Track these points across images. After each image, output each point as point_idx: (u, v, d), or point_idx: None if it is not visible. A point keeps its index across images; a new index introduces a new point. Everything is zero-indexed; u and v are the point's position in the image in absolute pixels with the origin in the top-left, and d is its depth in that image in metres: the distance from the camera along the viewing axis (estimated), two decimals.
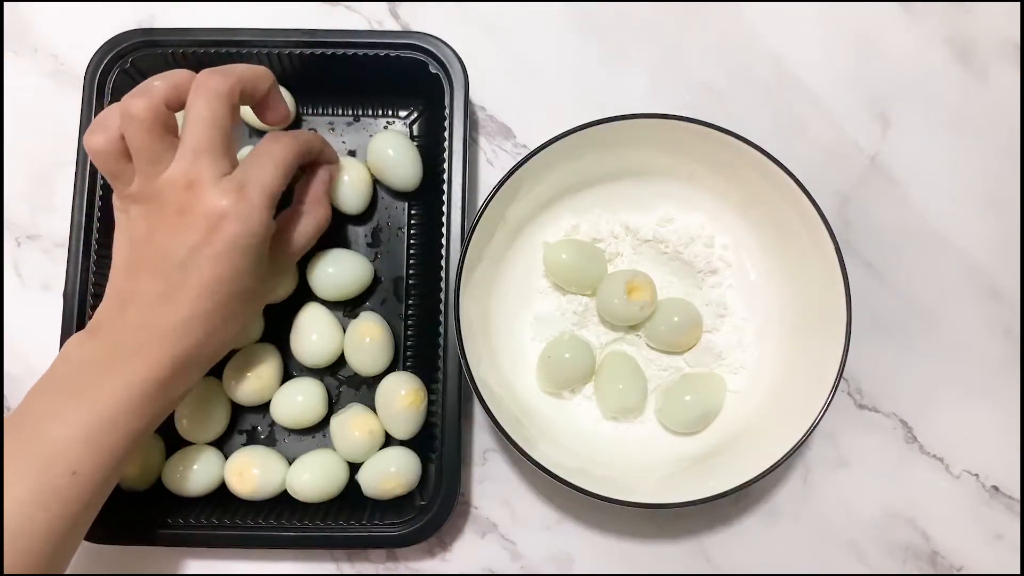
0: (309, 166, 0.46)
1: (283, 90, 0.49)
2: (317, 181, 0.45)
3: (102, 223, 0.46)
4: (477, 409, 0.49)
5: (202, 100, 0.38)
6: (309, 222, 0.44)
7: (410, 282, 0.49)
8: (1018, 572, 0.49)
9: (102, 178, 0.47)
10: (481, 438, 0.49)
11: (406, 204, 0.50)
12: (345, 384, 0.49)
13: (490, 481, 0.49)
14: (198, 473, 0.45)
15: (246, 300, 0.40)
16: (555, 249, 0.47)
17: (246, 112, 0.49)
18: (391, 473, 0.44)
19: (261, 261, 0.40)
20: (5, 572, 0.34)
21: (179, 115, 0.39)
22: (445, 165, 0.46)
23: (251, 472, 0.45)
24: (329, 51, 0.48)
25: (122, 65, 0.48)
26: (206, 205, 0.37)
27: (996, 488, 0.49)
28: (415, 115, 0.51)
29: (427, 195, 0.49)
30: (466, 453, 0.48)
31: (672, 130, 0.44)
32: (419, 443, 0.46)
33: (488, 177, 0.52)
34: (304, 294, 0.48)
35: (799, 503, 0.49)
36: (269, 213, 0.39)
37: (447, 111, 0.47)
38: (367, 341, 0.46)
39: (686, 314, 0.47)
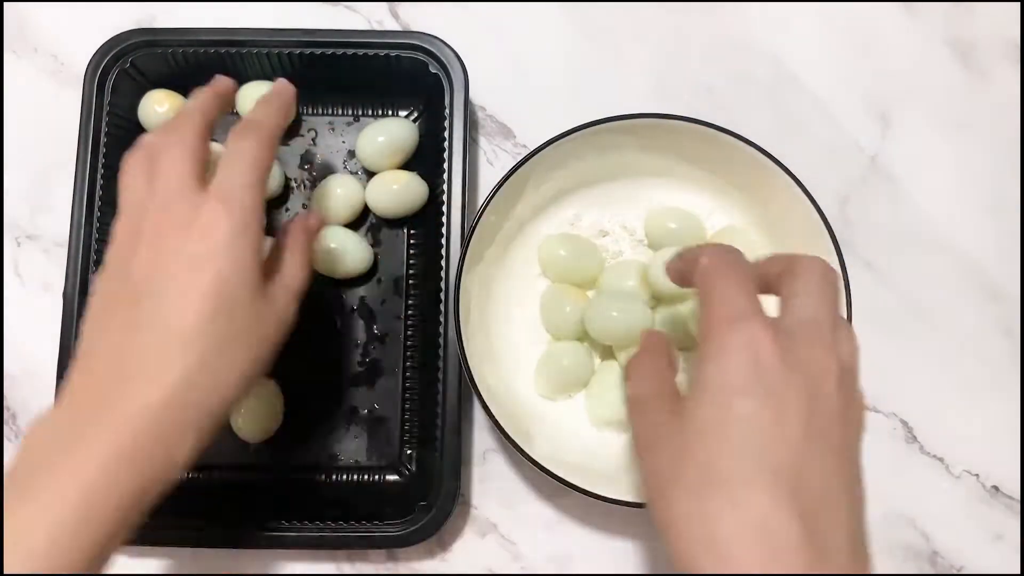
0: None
1: None
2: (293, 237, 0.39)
3: (102, 223, 0.46)
4: (477, 409, 0.49)
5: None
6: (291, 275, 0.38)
7: (410, 282, 0.49)
8: (1018, 572, 0.48)
9: (102, 178, 0.47)
10: (481, 438, 0.49)
11: None
12: None
13: (490, 481, 0.48)
14: None
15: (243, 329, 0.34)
16: (550, 244, 0.47)
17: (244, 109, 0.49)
18: None
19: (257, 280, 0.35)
20: None
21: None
22: (445, 165, 0.46)
23: None
24: (329, 51, 0.48)
25: (122, 65, 0.48)
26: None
27: (996, 488, 0.49)
28: (415, 115, 0.51)
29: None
30: (466, 453, 0.48)
31: (672, 130, 0.44)
32: (419, 443, 0.46)
33: (488, 177, 0.52)
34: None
35: None
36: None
37: (447, 111, 0.47)
38: None
39: None
